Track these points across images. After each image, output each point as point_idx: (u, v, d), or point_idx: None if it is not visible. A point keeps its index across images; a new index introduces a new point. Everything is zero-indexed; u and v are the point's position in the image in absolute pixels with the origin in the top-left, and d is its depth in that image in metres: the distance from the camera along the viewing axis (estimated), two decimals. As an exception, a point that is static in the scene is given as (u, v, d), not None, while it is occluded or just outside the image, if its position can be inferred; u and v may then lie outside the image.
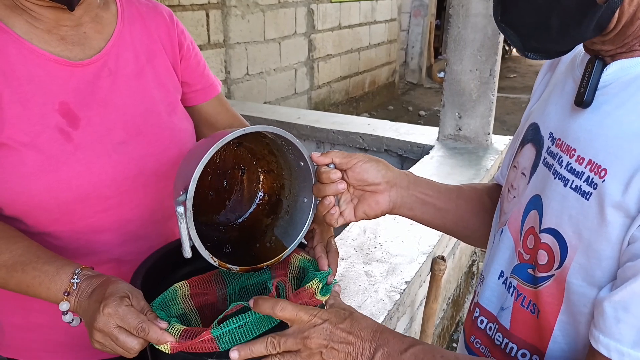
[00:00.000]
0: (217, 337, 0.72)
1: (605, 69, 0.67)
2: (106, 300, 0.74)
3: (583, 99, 0.67)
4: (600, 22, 0.61)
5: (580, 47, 0.75)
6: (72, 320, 0.82)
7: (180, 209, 0.75)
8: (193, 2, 4.32)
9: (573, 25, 0.62)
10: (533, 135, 0.80)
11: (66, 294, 0.79)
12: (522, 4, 0.65)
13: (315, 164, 0.86)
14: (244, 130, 0.78)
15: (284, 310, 0.72)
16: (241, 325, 0.73)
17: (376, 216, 0.90)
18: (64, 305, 0.80)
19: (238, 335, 0.73)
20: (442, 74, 8.52)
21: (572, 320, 0.68)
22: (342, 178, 0.86)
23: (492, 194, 0.98)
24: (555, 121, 0.75)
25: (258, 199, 0.99)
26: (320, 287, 0.81)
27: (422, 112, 8.01)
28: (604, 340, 0.60)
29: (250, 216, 0.99)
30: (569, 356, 0.70)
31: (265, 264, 0.89)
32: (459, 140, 3.00)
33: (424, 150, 2.98)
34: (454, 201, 0.95)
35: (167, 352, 0.73)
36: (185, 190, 0.76)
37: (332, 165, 0.85)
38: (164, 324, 0.73)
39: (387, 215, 0.92)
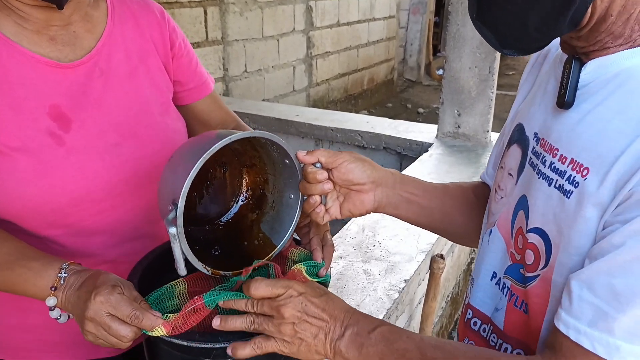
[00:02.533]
0: (209, 304, 0.75)
1: (583, 69, 0.67)
2: (98, 289, 0.74)
3: (564, 100, 0.68)
4: (574, 18, 0.61)
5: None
6: (60, 316, 0.82)
7: (173, 230, 0.75)
8: (191, -1, 4.30)
9: (549, 21, 0.62)
10: (519, 136, 0.80)
11: (53, 289, 0.79)
12: (498, 1, 0.65)
13: (301, 162, 0.86)
14: (229, 138, 0.76)
15: (257, 289, 0.74)
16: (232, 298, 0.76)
17: (361, 214, 0.92)
18: (50, 301, 0.79)
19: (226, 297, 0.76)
20: (440, 72, 8.52)
21: None
22: (328, 177, 0.86)
23: (477, 191, 0.99)
24: (539, 121, 0.75)
25: (242, 196, 0.99)
26: (305, 269, 0.84)
27: (421, 110, 8.01)
28: (565, 317, 0.61)
29: (235, 213, 0.99)
30: None
31: (255, 265, 0.89)
32: (458, 138, 2.99)
33: (423, 147, 2.97)
34: (440, 198, 0.96)
35: (162, 334, 0.73)
36: (175, 206, 0.75)
37: (318, 165, 0.85)
38: (157, 313, 0.74)
39: (379, 213, 0.93)
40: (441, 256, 1.99)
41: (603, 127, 0.63)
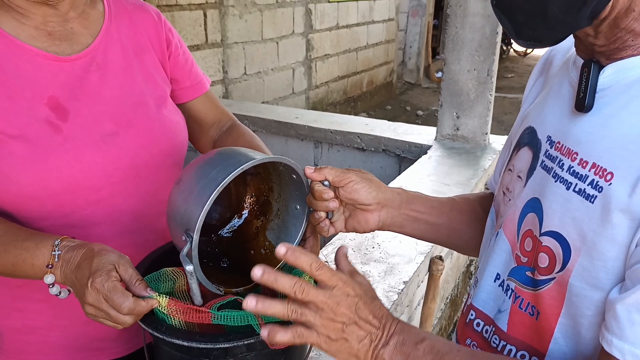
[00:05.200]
0: (214, 316, 0.75)
1: (601, 72, 0.66)
2: (93, 276, 0.75)
3: (584, 104, 0.67)
4: (595, 9, 0.61)
5: (573, 49, 0.74)
6: (60, 292, 0.83)
7: (190, 268, 0.76)
8: (190, 1, 4.31)
9: (570, 11, 0.61)
10: (529, 139, 0.79)
11: (50, 267, 0.80)
12: None
13: (308, 179, 0.86)
14: (241, 168, 0.77)
15: (321, 268, 0.65)
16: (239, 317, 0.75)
17: (365, 232, 0.92)
18: (48, 278, 0.80)
19: (233, 321, 0.75)
20: (439, 74, 8.54)
21: (573, 323, 0.68)
22: (335, 194, 0.86)
23: (484, 204, 0.99)
24: (553, 124, 0.74)
25: (247, 204, 0.99)
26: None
27: (420, 112, 8.02)
28: (618, 343, 0.59)
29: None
30: (569, 357, 0.70)
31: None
32: (457, 140, 3.00)
33: (422, 150, 2.97)
34: (447, 214, 0.96)
35: (164, 310, 0.75)
36: (189, 237, 0.75)
37: (326, 183, 0.86)
38: (151, 292, 0.76)
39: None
40: (440, 258, 2.00)
41: (627, 132, 0.62)
